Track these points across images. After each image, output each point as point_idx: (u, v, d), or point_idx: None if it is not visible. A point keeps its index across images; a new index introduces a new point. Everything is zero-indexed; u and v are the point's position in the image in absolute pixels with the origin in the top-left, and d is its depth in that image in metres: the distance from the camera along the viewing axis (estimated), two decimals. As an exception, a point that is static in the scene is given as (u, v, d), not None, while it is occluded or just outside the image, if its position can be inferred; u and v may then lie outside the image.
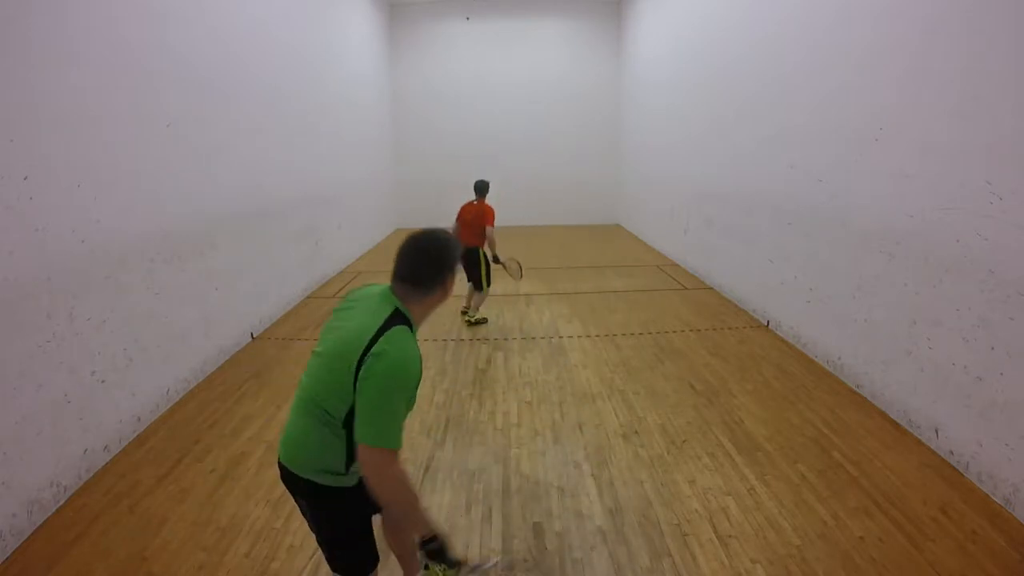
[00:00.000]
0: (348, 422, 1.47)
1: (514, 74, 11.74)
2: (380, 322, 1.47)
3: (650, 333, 5.18)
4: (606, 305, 6.11)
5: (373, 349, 1.41)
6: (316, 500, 1.61)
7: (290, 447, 1.60)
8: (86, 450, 2.99)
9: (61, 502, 2.78)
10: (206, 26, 4.43)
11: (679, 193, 8.13)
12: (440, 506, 2.75)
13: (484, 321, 5.49)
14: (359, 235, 9.34)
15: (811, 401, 3.76)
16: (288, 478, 1.63)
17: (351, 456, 1.52)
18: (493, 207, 5.28)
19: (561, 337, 5.05)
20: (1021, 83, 2.60)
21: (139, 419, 3.47)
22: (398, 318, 1.50)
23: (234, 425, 3.55)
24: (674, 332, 5.19)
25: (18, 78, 2.63)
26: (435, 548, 1.58)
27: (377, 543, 1.76)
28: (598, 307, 6.01)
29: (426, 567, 1.92)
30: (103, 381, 3.16)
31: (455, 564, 1.69)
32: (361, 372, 1.40)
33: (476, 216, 5.20)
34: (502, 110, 11.86)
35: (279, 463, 1.64)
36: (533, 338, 4.87)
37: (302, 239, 6.64)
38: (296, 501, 1.69)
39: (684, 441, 3.30)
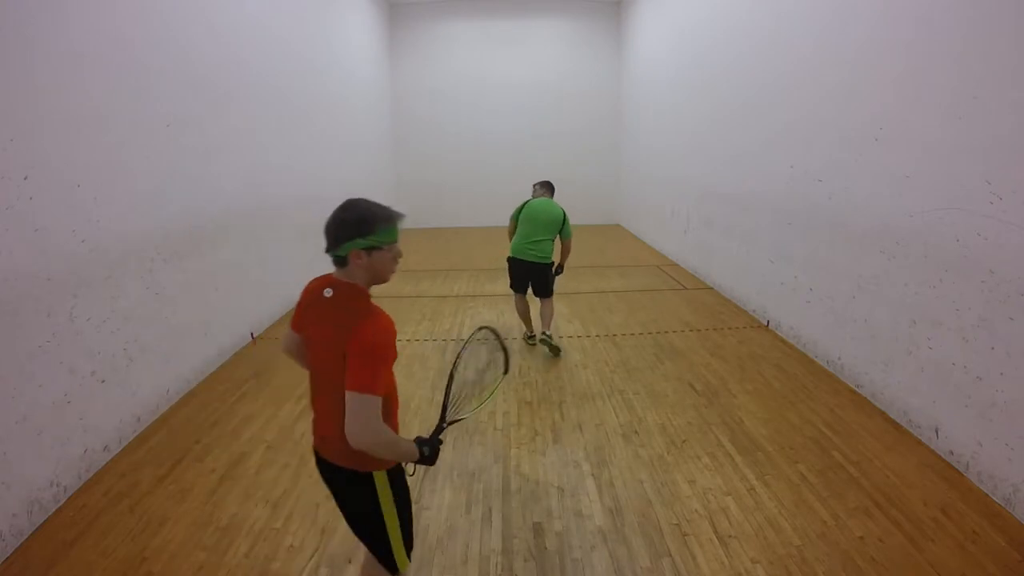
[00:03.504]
0: (554, 235, 4.59)
1: (514, 74, 11.72)
2: (558, 208, 4.60)
3: (650, 333, 5.18)
4: (606, 305, 6.11)
5: (564, 215, 4.59)
6: (544, 268, 4.58)
7: (535, 252, 4.51)
8: (86, 450, 2.99)
9: (61, 502, 2.78)
10: (206, 26, 4.43)
11: (679, 193, 8.13)
12: (440, 506, 2.75)
13: None
14: (359, 235, 9.31)
15: (811, 401, 3.76)
16: (526, 266, 4.58)
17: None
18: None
19: (561, 337, 5.04)
20: (1021, 83, 2.60)
21: (139, 419, 3.47)
22: (557, 204, 4.66)
23: (234, 425, 3.55)
24: (674, 332, 5.19)
25: (18, 78, 2.63)
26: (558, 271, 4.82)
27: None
28: (598, 307, 6.00)
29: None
30: (103, 381, 3.16)
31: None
32: (565, 221, 4.57)
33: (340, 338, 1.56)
34: (502, 110, 11.85)
35: (521, 260, 4.57)
36: (533, 337, 4.86)
37: (302, 239, 6.62)
38: (525, 279, 4.67)
39: (684, 441, 3.30)
